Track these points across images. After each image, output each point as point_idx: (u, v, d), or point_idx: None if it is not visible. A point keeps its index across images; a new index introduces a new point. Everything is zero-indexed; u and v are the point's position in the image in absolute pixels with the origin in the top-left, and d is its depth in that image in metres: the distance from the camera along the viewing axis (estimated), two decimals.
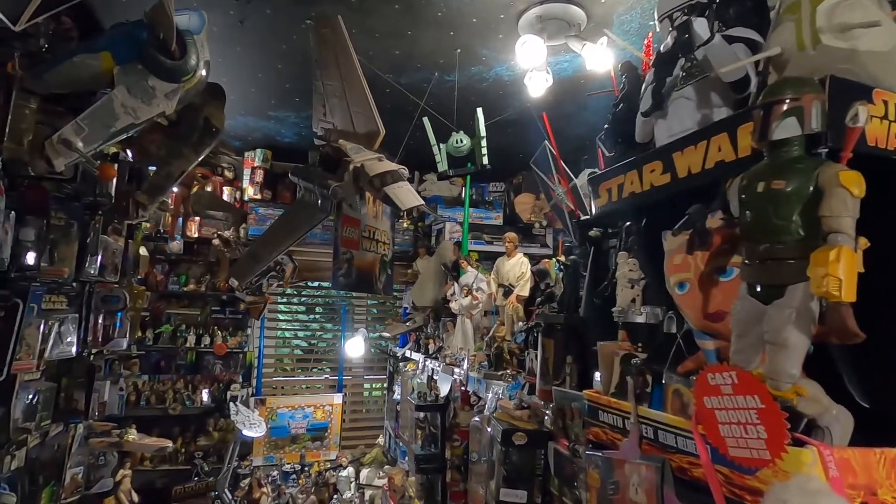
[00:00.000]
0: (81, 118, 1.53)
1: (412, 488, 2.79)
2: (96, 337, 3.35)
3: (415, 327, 4.15)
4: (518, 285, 2.97)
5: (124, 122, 1.56)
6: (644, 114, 1.20)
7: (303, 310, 5.28)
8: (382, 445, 4.28)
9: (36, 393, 2.78)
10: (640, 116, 1.23)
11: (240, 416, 3.53)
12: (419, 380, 3.35)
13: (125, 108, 1.53)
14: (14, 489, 2.59)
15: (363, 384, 5.30)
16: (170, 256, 4.61)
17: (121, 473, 3.71)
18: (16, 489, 2.62)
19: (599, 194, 1.40)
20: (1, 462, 2.46)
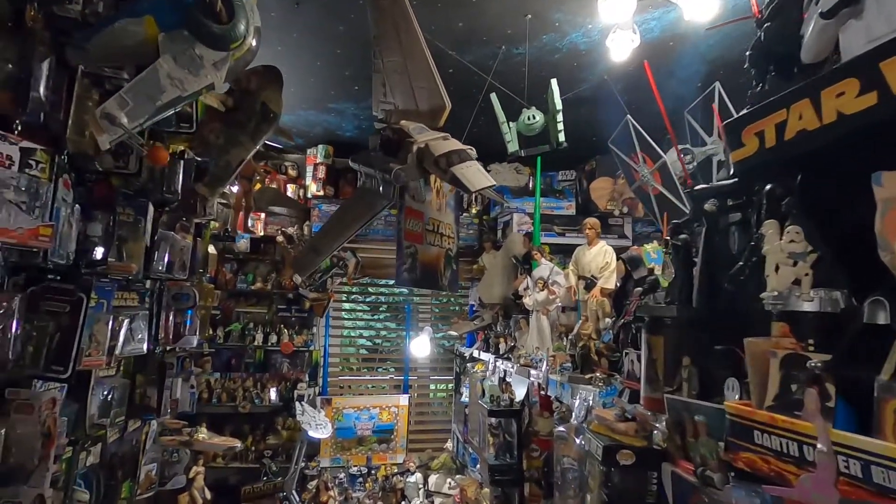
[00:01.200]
0: (125, 90, 1.41)
1: (486, 502, 2.53)
2: (167, 334, 3.38)
3: (483, 325, 3.88)
4: (602, 276, 2.62)
5: (171, 95, 1.43)
6: (826, 14, 0.85)
7: (367, 309, 5.17)
8: (451, 451, 4.05)
9: (110, 389, 2.79)
10: (818, 22, 0.88)
11: (305, 416, 3.43)
12: (491, 382, 3.08)
13: (171, 80, 1.40)
14: (89, 485, 2.61)
15: (429, 384, 5.11)
16: (237, 255, 4.65)
17: (194, 470, 3.74)
18: (91, 485, 2.64)
19: (743, 142, 1.05)
20: (76, 457, 2.46)
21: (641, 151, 3.23)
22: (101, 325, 2.38)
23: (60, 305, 2.04)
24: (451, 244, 4.53)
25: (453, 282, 4.58)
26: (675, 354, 1.48)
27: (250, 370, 4.60)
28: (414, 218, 3.94)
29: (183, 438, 2.82)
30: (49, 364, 2.01)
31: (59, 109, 1.99)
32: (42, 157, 1.90)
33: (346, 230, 2.50)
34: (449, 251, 4.46)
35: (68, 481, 2.34)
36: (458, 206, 4.75)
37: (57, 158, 1.98)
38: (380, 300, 5.23)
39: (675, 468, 1.37)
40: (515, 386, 2.84)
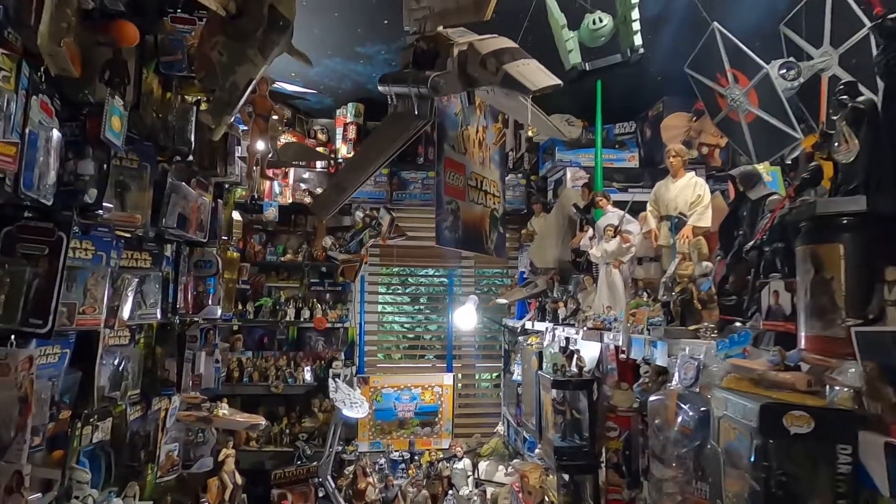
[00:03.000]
0: None
1: (553, 491, 2.06)
2: (188, 303, 3.08)
3: (536, 292, 3.39)
4: (694, 213, 2.08)
5: None
6: None
7: (406, 300, 4.78)
8: (502, 435, 3.60)
9: (122, 359, 2.50)
10: None
11: (339, 393, 3.06)
12: (552, 350, 2.60)
13: None
14: (97, 464, 2.32)
15: (474, 366, 4.65)
16: (266, 226, 4.35)
17: (224, 453, 3.45)
18: (99, 465, 2.35)
19: None
20: (79, 432, 2.17)
21: (732, 69, 2.64)
22: (97, 280, 2.05)
23: (38, 248, 1.72)
24: (497, 204, 4.04)
25: (500, 246, 4.10)
26: (866, 268, 0.96)
27: (283, 349, 4.30)
28: (454, 171, 3.48)
29: (201, 414, 2.50)
30: (27, 317, 1.70)
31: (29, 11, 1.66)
32: (3, 63, 1.57)
33: (375, 159, 2.07)
34: (494, 211, 3.98)
35: (69, 457, 2.05)
36: (504, 162, 4.27)
37: (26, 69, 1.65)
38: (419, 290, 4.82)
39: (889, 438, 0.85)
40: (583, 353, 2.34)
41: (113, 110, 1.71)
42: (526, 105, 2.12)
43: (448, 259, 4.53)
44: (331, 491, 2.99)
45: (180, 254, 2.94)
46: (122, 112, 1.77)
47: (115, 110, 1.73)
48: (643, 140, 4.14)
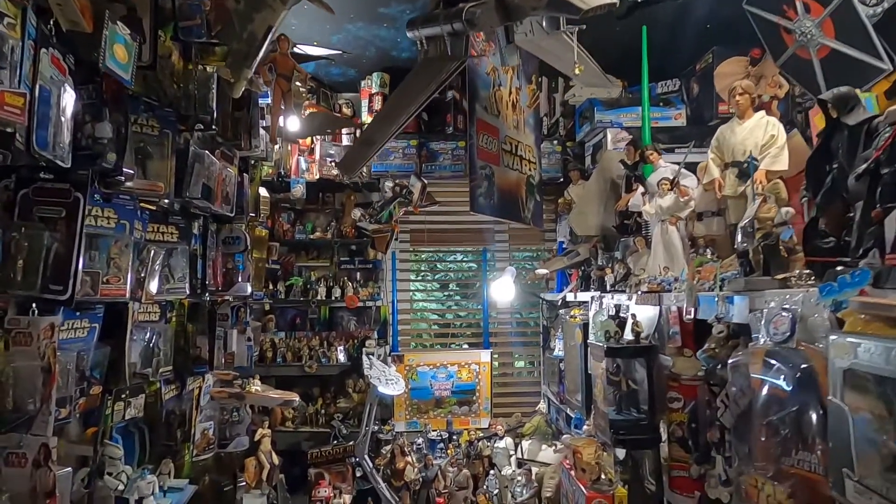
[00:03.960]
0: None
1: (609, 468, 1.87)
2: (217, 279, 3.01)
3: (578, 261, 3.18)
4: (767, 155, 1.83)
5: None
6: None
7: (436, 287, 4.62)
8: (544, 413, 3.42)
9: (152, 335, 2.44)
10: None
11: (374, 370, 2.94)
12: (602, 318, 2.40)
13: None
14: (129, 441, 2.26)
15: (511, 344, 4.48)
16: (294, 205, 4.26)
17: (259, 433, 3.39)
18: (132, 441, 2.30)
19: None
20: (111, 408, 2.11)
21: None
22: (120, 250, 1.95)
23: (55, 210, 1.63)
24: (533, 170, 3.82)
25: (537, 215, 3.89)
26: None
27: (316, 329, 4.22)
28: (488, 134, 3.27)
29: (234, 391, 2.41)
30: (47, 284, 1.61)
31: None
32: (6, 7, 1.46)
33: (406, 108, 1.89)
34: (530, 178, 3.76)
35: (102, 433, 1.99)
36: (538, 126, 4.03)
37: (33, 18, 1.55)
38: (449, 276, 4.65)
39: None
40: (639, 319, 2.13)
41: (115, 37, 1.57)
42: (570, 45, 1.90)
43: (480, 239, 4.35)
44: (369, 470, 2.89)
45: (207, 229, 2.86)
46: (129, 42, 1.62)
47: (118, 37, 1.59)
48: (690, 97, 3.83)
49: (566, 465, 2.14)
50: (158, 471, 2.22)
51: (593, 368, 2.73)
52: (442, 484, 2.96)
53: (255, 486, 3.27)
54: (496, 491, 3.16)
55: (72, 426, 2.04)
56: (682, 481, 1.87)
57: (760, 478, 1.25)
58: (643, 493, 1.99)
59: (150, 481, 2.00)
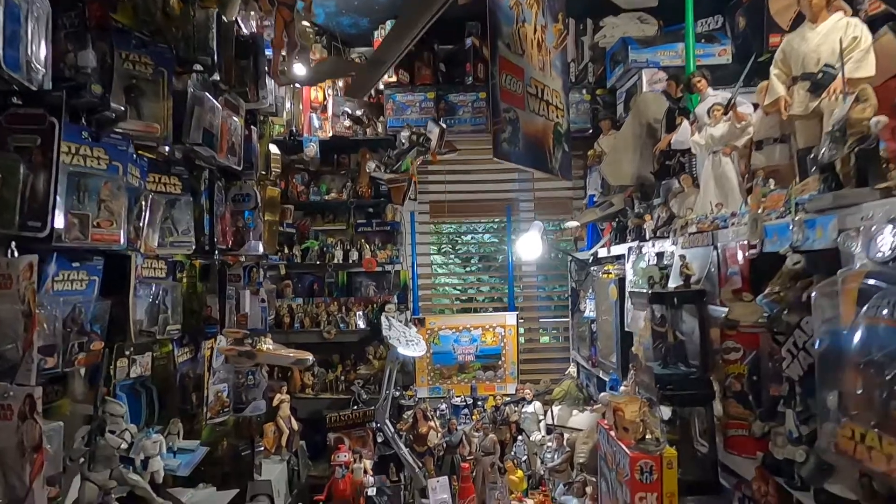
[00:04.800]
0: None
1: (655, 427, 1.66)
2: (227, 237, 2.86)
3: (612, 212, 2.92)
4: (849, 60, 1.53)
5: None
6: None
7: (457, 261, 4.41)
8: (574, 377, 3.22)
9: (158, 290, 2.30)
10: None
11: (393, 331, 2.77)
12: (643, 265, 2.16)
13: None
14: (135, 400, 2.15)
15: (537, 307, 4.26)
16: (308, 166, 4.08)
17: (278, 398, 3.29)
18: (140, 401, 2.18)
19: None
20: (114, 365, 1.99)
21: None
22: (112, 192, 1.80)
23: (29, 138, 1.47)
24: (561, 117, 3.52)
25: (566, 166, 3.60)
26: None
27: (334, 294, 4.08)
28: (512, 74, 2.99)
29: (244, 348, 2.27)
30: (25, 220, 1.46)
31: None
32: None
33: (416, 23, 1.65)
34: (558, 126, 3.46)
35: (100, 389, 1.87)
36: (566, 70, 3.72)
37: None
38: (470, 250, 4.42)
39: None
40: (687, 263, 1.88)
41: None
42: None
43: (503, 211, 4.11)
44: (390, 435, 2.75)
45: (214, 183, 2.70)
46: None
47: None
48: (734, 33, 3.46)
49: (604, 426, 1.93)
50: (167, 431, 2.11)
51: (631, 324, 2.50)
52: (467, 450, 2.81)
53: (274, 451, 3.18)
54: (524, 457, 2.99)
55: (76, 384, 1.94)
56: (742, 441, 1.64)
57: (860, 427, 1.02)
58: (693, 454, 1.78)
59: (155, 440, 1.88)
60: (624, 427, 1.77)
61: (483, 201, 4.16)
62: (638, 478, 1.64)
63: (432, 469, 2.86)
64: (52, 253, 1.76)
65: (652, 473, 1.63)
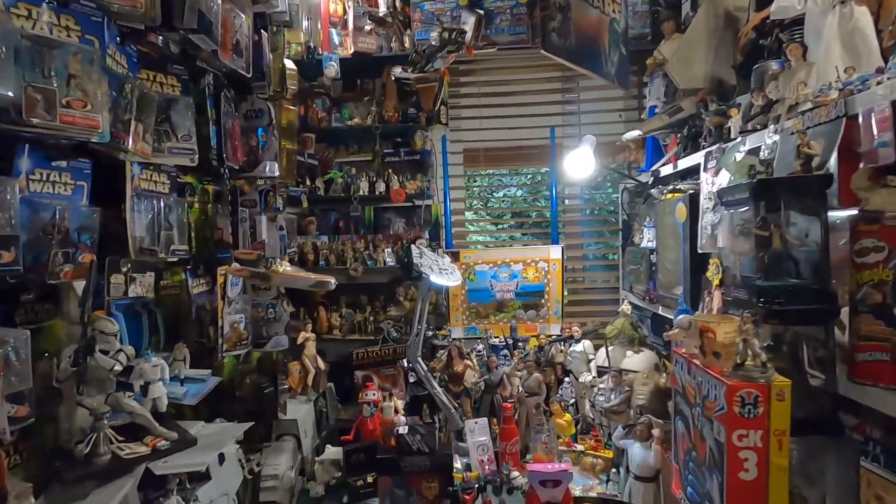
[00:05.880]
0: None
1: (760, 350, 1.29)
2: (237, 152, 2.57)
3: (682, 117, 2.46)
4: None
5: None
6: None
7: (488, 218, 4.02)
8: (629, 315, 2.85)
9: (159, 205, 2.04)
10: None
11: (424, 259, 2.46)
12: (736, 157, 1.73)
13: None
14: (135, 321, 1.93)
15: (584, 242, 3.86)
16: (328, 91, 3.71)
17: (302, 336, 3.07)
18: (140, 324, 1.96)
19: None
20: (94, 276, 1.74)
21: None
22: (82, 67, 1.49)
23: None
24: (618, 13, 3.01)
25: (623, 73, 3.09)
26: None
27: (360, 232, 3.79)
28: None
29: (257, 270, 2.00)
30: None
31: None
32: None
33: None
34: (615, 22, 2.95)
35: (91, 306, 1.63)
36: None
37: None
38: (502, 205, 4.00)
39: None
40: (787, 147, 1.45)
41: None
42: None
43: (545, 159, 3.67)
44: (423, 374, 2.48)
45: (220, 91, 2.39)
46: None
47: None
48: None
49: (682, 355, 1.58)
50: (172, 357, 1.88)
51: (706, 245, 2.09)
52: (508, 391, 2.52)
53: (300, 391, 2.99)
54: (572, 400, 2.68)
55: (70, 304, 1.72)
56: (881, 368, 1.26)
57: None
58: (806, 385, 1.40)
59: (156, 364, 1.64)
60: (714, 352, 1.41)
61: (523, 148, 3.75)
62: (737, 412, 1.28)
63: (469, 411, 2.60)
64: (24, 145, 1.50)
65: (756, 406, 1.27)
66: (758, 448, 1.28)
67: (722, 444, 1.33)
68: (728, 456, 1.31)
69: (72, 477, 1.39)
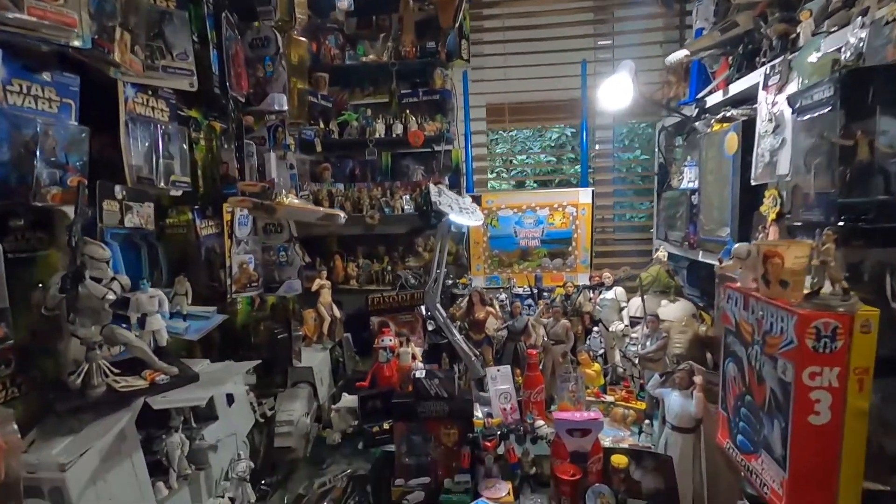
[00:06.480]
0: None
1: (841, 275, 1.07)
2: (241, 80, 2.39)
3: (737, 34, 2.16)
4: None
5: None
6: None
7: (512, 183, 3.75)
8: (664, 262, 2.63)
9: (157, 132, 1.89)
10: None
11: (444, 198, 2.27)
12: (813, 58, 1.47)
13: None
14: (133, 250, 1.81)
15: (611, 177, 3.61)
16: (341, 26, 3.47)
17: (317, 283, 2.95)
18: (139, 256, 1.85)
19: None
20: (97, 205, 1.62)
21: None
22: None
23: None
24: None
25: None
26: None
27: (377, 179, 3.61)
28: None
29: (260, 201, 1.85)
30: None
31: None
32: None
33: None
34: None
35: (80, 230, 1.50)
36: None
37: None
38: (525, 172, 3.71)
39: None
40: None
41: None
42: None
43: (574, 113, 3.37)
44: (442, 321, 2.33)
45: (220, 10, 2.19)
46: None
47: None
48: None
49: (736, 290, 1.37)
50: (173, 291, 1.77)
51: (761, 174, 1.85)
52: (532, 338, 2.36)
53: (316, 340, 2.90)
54: (601, 351, 2.51)
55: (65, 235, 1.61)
56: None
57: None
58: (891, 319, 1.19)
59: (153, 295, 1.52)
60: (781, 280, 1.20)
61: (552, 102, 3.47)
62: (811, 346, 1.09)
63: (490, 359, 2.46)
64: None
65: (834, 339, 1.07)
66: (833, 388, 1.09)
67: (788, 383, 1.14)
68: (796, 397, 1.12)
69: (64, 408, 1.29)
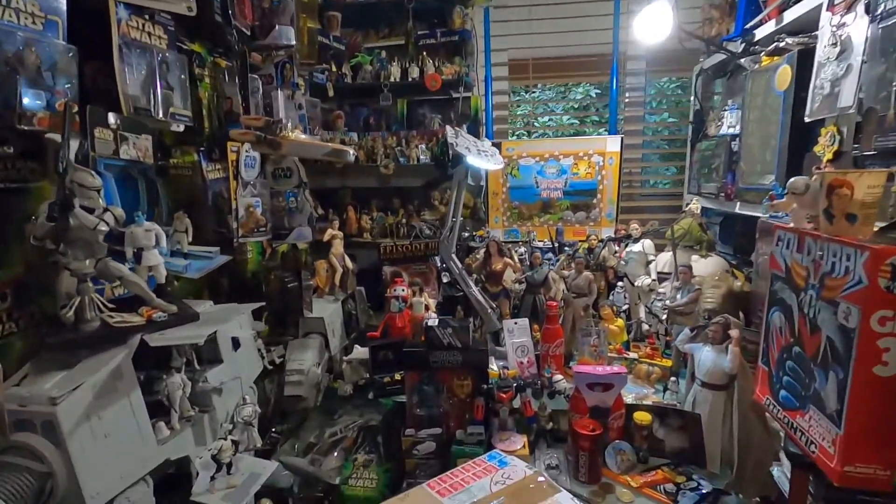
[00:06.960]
0: None
1: None
2: (244, 9, 2.23)
3: None
4: None
5: None
6: None
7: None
8: (696, 214, 2.45)
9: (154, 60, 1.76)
10: None
11: (461, 139, 2.11)
12: None
13: None
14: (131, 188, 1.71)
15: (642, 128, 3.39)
16: None
17: (329, 233, 2.85)
18: (138, 192, 1.75)
19: None
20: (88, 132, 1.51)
21: None
22: None
23: None
24: None
25: None
26: None
27: (392, 129, 3.45)
28: None
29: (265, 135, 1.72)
30: None
31: None
32: None
33: None
34: None
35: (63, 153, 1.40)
36: None
37: None
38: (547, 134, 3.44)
39: None
40: None
41: None
42: None
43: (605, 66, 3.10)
44: (457, 272, 2.22)
45: None
46: None
47: None
48: None
49: (791, 230, 1.21)
50: (173, 228, 1.68)
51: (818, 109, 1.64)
52: (552, 291, 2.23)
53: (328, 291, 2.82)
54: (625, 306, 2.38)
55: None
56: None
57: None
58: None
59: (149, 228, 1.43)
60: (848, 214, 1.04)
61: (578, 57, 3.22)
62: (884, 286, 0.94)
63: (508, 312, 2.35)
64: None
65: None
66: None
67: (851, 330, 0.99)
68: (859, 345, 0.97)
69: (54, 343, 1.22)
